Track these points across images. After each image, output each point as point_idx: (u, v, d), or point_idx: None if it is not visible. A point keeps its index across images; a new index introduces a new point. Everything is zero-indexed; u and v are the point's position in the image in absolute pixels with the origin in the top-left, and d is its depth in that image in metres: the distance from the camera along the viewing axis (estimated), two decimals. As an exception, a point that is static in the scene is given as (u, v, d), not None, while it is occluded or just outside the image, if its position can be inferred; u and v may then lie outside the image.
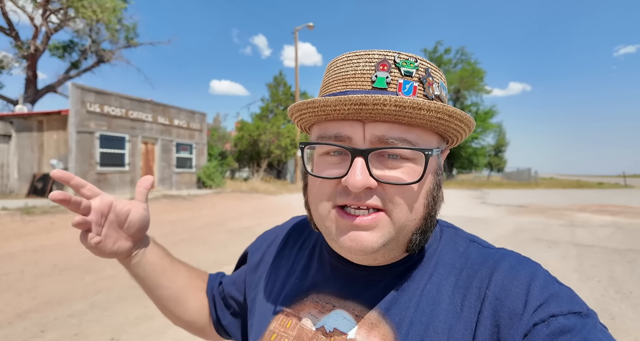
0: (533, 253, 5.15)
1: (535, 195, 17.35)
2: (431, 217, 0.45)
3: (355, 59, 0.43)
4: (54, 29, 17.73)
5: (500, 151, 46.47)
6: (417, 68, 0.42)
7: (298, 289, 0.54)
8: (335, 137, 0.43)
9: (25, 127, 11.70)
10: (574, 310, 0.37)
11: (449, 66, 32.85)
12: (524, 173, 33.03)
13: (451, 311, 0.42)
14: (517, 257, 0.45)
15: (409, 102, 0.38)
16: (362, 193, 0.41)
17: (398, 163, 0.42)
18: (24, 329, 2.70)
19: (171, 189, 14.57)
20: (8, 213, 7.25)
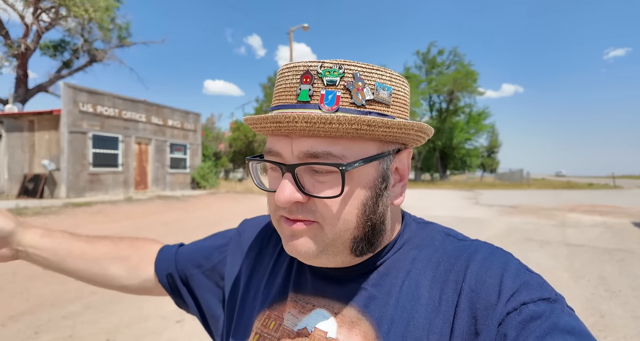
0: (525, 253, 5.24)
1: (527, 196, 17.59)
2: (370, 226, 0.44)
3: (287, 71, 0.43)
4: (45, 27, 17.49)
5: (493, 152, 46.98)
6: (343, 75, 0.41)
7: (280, 289, 0.55)
8: (269, 152, 0.44)
9: (16, 127, 11.54)
10: (544, 296, 0.39)
11: (442, 68, 33.09)
12: (516, 174, 33.43)
13: (430, 305, 0.43)
14: (490, 248, 0.46)
15: (317, 118, 0.38)
16: (294, 207, 0.42)
17: (324, 177, 0.42)
18: (18, 331, 2.68)
19: (165, 190, 14.47)
20: (-1, 214, 7.15)
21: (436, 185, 26.20)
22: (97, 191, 11.76)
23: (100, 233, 2.39)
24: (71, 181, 10.99)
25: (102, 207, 9.12)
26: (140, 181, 13.52)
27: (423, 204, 12.75)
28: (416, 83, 30.84)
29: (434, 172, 38.70)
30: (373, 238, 0.45)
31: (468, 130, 33.09)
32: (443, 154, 34.98)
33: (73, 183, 11.05)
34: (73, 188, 11.04)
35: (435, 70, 33.29)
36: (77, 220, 7.48)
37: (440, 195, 17.58)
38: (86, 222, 7.34)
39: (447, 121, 32.83)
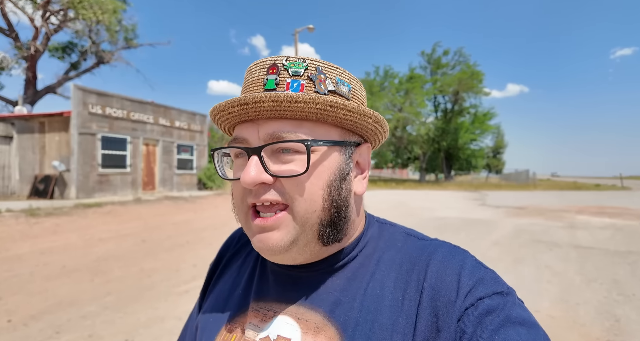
0: (535, 255, 5.23)
1: (533, 197, 17.47)
2: (335, 208, 0.45)
3: (254, 67, 0.46)
4: (53, 30, 17.70)
5: (498, 153, 46.72)
6: (306, 68, 0.44)
7: (241, 301, 0.53)
8: (235, 139, 0.45)
9: (27, 129, 11.70)
10: (497, 290, 0.41)
11: (447, 69, 32.95)
12: (522, 174, 33.19)
13: (394, 306, 0.43)
14: (448, 247, 0.47)
15: (283, 96, 0.40)
16: (261, 189, 0.43)
17: (290, 156, 0.43)
18: (39, 330, 2.73)
19: (172, 190, 14.57)
20: (13, 215, 7.27)
21: (441, 186, 26.09)
22: (105, 192, 11.89)
23: (112, 234, 2.44)
24: (81, 182, 11.12)
25: (112, 208, 9.22)
26: (148, 182, 13.63)
27: (429, 205, 12.72)
28: (421, 83, 30.74)
29: (438, 172, 38.54)
30: (339, 223, 0.46)
31: (473, 130, 32.90)
32: (448, 155, 34.83)
33: (83, 184, 11.17)
34: (83, 189, 11.16)
35: (440, 70, 33.16)
36: (89, 220, 7.58)
37: (446, 196, 17.51)
38: (97, 222, 7.43)
39: (453, 122, 32.70)
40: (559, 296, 3.53)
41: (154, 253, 5.10)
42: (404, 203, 13.59)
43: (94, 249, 5.25)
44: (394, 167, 39.24)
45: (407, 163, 37.84)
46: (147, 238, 6.08)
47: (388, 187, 24.81)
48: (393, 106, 29.52)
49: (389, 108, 29.47)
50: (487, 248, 5.68)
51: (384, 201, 14.15)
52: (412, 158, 35.59)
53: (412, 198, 15.60)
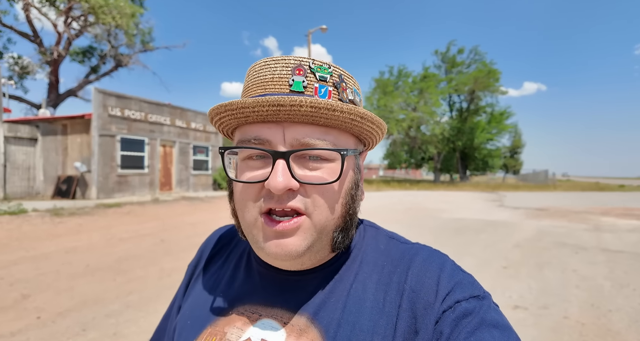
0: (560, 258, 5.05)
1: (553, 198, 16.96)
2: (350, 215, 0.47)
3: (273, 63, 0.44)
4: (75, 35, 18.28)
5: (516, 152, 45.64)
6: (331, 74, 0.43)
7: (223, 303, 0.52)
8: (255, 140, 0.43)
9: (51, 131, 12.08)
10: (474, 294, 0.42)
11: (462, 67, 32.38)
12: (541, 175, 32.31)
13: (375, 308, 0.44)
14: (428, 251, 0.48)
15: (324, 103, 0.40)
16: (285, 195, 0.42)
17: (318, 164, 0.42)
18: (67, 327, 2.79)
19: (188, 191, 14.80)
20: (39, 214, 7.51)
21: (457, 187, 25.64)
22: (124, 192, 12.16)
23: (132, 234, 2.44)
24: (101, 182, 11.41)
25: (131, 208, 9.42)
26: (165, 182, 13.88)
27: (445, 206, 12.51)
28: (435, 82, 30.32)
29: (453, 173, 37.91)
30: (349, 230, 0.47)
31: (490, 130, 32.20)
32: (463, 155, 34.22)
33: (103, 185, 11.47)
34: (103, 189, 11.46)
35: (455, 69, 32.63)
36: (109, 220, 7.76)
37: (462, 197, 17.19)
38: (117, 222, 7.60)
39: (468, 121, 32.12)
40: (588, 302, 3.38)
41: (173, 253, 5.17)
42: (419, 204, 13.41)
43: (115, 249, 5.36)
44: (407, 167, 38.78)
45: (421, 164, 37.35)
46: (165, 238, 6.17)
47: (402, 187, 24.55)
48: (407, 105, 29.20)
49: (403, 107, 29.17)
50: (508, 251, 5.52)
51: (399, 202, 13.99)
52: (426, 159, 35.10)
53: (427, 199, 15.38)
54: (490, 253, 5.41)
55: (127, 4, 17.25)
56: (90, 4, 15.77)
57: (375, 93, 30.62)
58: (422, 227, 7.92)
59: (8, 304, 3.21)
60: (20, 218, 7.21)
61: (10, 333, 2.67)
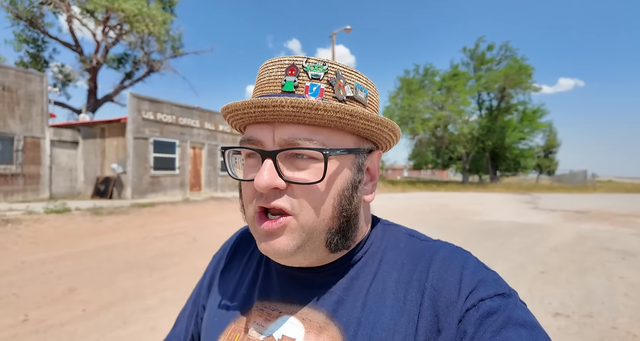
0: (604, 264, 4.75)
1: (593, 200, 15.96)
2: (345, 217, 0.45)
3: (271, 65, 0.45)
4: (111, 43, 19.31)
5: (550, 152, 43.36)
6: (326, 71, 0.42)
7: (245, 300, 0.53)
8: (249, 140, 0.44)
9: (90, 134, 12.83)
10: (499, 291, 0.41)
11: (492, 64, 31.17)
12: (578, 175, 30.51)
13: (396, 306, 0.43)
14: (450, 248, 0.47)
15: (304, 103, 0.39)
16: (272, 194, 0.42)
17: (306, 163, 0.42)
18: (109, 320, 2.95)
19: (216, 191, 15.22)
20: (80, 213, 8.01)
21: (487, 188, 24.71)
22: (157, 192, 12.69)
23: (165, 233, 2.52)
24: (135, 183, 11.97)
25: (163, 208, 9.82)
26: (194, 183, 14.36)
27: (475, 208, 12.09)
28: (464, 80, 29.39)
29: (482, 173, 36.55)
30: (348, 231, 0.46)
31: (522, 129, 30.73)
32: (494, 155, 32.89)
33: (137, 185, 12.02)
34: (137, 189, 12.01)
35: (484, 66, 31.46)
36: (144, 219, 8.12)
37: (493, 199, 16.55)
38: (151, 221, 7.94)
39: (499, 120, 30.85)
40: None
41: (205, 252, 5.33)
42: (447, 205, 13.04)
43: (150, 246, 5.60)
44: (433, 168, 37.80)
45: (448, 164, 36.29)
46: (197, 237, 6.37)
47: (428, 188, 23.99)
48: (433, 104, 28.52)
49: (429, 106, 28.52)
50: (545, 255, 5.25)
51: (426, 204, 13.68)
52: (453, 159, 34.07)
53: (456, 201, 14.93)
54: (526, 256, 5.17)
55: (159, 12, 18.02)
56: (125, 13, 16.61)
57: (400, 93, 30.13)
58: (451, 229, 7.70)
59: (57, 296, 3.43)
60: (65, 217, 7.71)
61: (60, 324, 2.85)
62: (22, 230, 6.35)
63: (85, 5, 16.92)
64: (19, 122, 10.65)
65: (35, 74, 11.27)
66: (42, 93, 11.31)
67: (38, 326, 2.80)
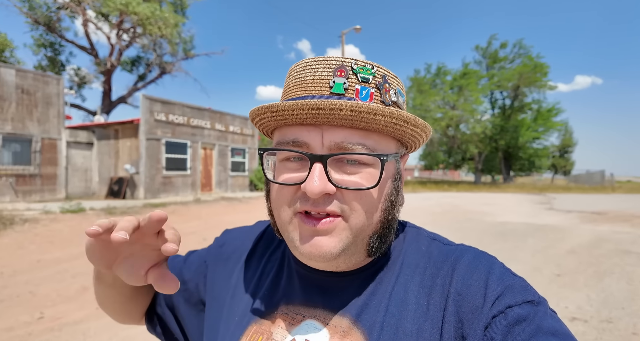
0: (624, 267, 4.59)
1: (612, 201, 15.49)
2: (389, 221, 0.45)
3: (314, 64, 0.43)
4: (125, 46, 19.71)
5: (566, 152, 42.31)
6: (374, 75, 0.42)
7: (268, 302, 0.52)
8: (293, 142, 0.42)
9: (104, 136, 13.10)
10: (527, 299, 0.39)
11: (505, 62, 30.58)
12: (596, 176, 29.71)
13: (418, 311, 0.43)
14: (475, 252, 0.46)
15: (364, 107, 0.38)
16: (321, 199, 0.41)
17: (356, 168, 0.41)
18: (121, 320, 2.99)
19: (227, 192, 15.36)
20: (95, 213, 8.17)
21: (500, 189, 24.27)
22: (169, 192, 12.87)
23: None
24: (148, 183, 12.16)
25: (175, 208, 9.94)
26: (205, 183, 14.52)
27: (488, 209, 11.87)
28: (476, 79, 28.93)
29: (495, 173, 35.90)
30: (387, 235, 0.46)
31: (536, 128, 30.04)
32: (507, 154, 32.24)
33: (149, 186, 12.22)
34: (149, 190, 12.21)
35: (497, 64, 30.89)
36: (156, 219, 8.23)
37: (506, 199, 16.23)
38: (163, 221, 8.03)
39: (512, 119, 30.24)
40: (661, 317, 3.03)
41: (215, 252, 5.37)
42: (459, 206, 12.85)
43: (162, 246, 5.67)
44: (445, 168, 37.28)
45: (460, 164, 35.74)
46: (208, 236, 6.43)
47: (440, 189, 23.69)
48: (445, 104, 28.16)
49: (441, 106, 28.17)
50: (561, 258, 5.11)
51: (437, 204, 13.51)
52: (465, 159, 33.56)
53: (468, 202, 14.70)
54: (541, 259, 5.05)
55: (171, 15, 18.30)
56: (139, 16, 16.92)
57: (410, 92, 29.85)
58: (463, 230, 7.57)
59: (72, 295, 3.50)
60: (80, 216, 7.88)
61: (74, 322, 2.90)
62: (39, 230, 6.51)
63: (100, 9, 17.31)
64: (37, 124, 10.95)
65: (53, 77, 11.56)
66: (59, 95, 11.60)
67: (53, 323, 2.86)
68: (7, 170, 10.14)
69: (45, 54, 20.43)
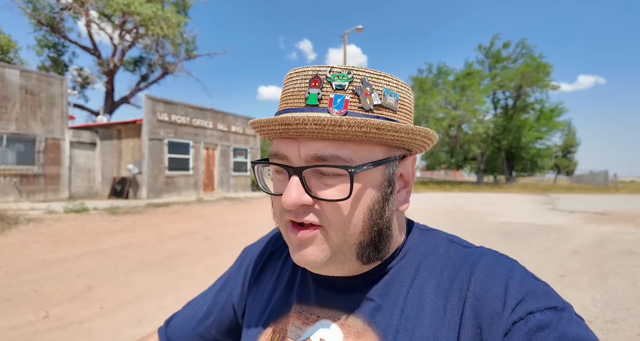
0: (627, 268, 4.57)
1: (615, 201, 15.42)
2: (377, 231, 0.44)
3: (295, 76, 0.44)
4: (128, 46, 19.78)
5: (569, 152, 42.14)
6: (352, 80, 0.41)
7: (283, 302, 0.54)
8: (276, 155, 0.44)
9: (107, 136, 13.15)
10: (550, 305, 0.38)
11: (508, 62, 30.50)
12: (599, 176, 29.58)
13: (435, 315, 0.42)
14: (494, 255, 0.45)
15: (327, 120, 0.38)
16: (300, 210, 0.42)
17: (332, 180, 0.41)
18: (125, 319, 3.00)
19: (229, 191, 15.39)
20: (98, 212, 8.21)
21: (502, 189, 24.20)
22: (171, 192, 12.91)
23: (180, 232, 2.51)
24: (150, 183, 12.21)
25: (177, 208, 9.98)
26: (208, 183, 14.55)
27: (490, 209, 11.84)
28: (479, 79, 28.86)
29: (498, 174, 35.79)
30: (380, 244, 0.45)
31: (539, 128, 29.95)
32: (509, 155, 32.16)
33: (152, 186, 12.26)
34: (152, 189, 12.25)
35: (500, 64, 30.81)
36: (159, 218, 8.27)
37: (509, 199, 16.19)
38: (166, 221, 8.07)
39: (515, 119, 30.15)
40: (666, 318, 3.02)
41: (218, 251, 5.38)
42: (461, 206, 12.83)
43: (165, 245, 5.69)
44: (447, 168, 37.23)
45: (462, 165, 35.68)
46: (210, 236, 6.44)
47: (442, 189, 23.65)
48: (447, 104, 28.11)
49: (443, 106, 28.12)
50: (565, 258, 5.09)
51: (440, 205, 13.49)
52: (467, 159, 33.48)
53: (470, 202, 14.67)
54: (544, 259, 5.03)
55: (173, 15, 18.35)
56: (141, 16, 16.98)
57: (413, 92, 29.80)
58: (465, 230, 7.55)
59: (76, 294, 3.52)
60: (83, 216, 7.92)
61: (79, 321, 2.92)
62: (43, 229, 6.55)
63: (103, 10, 17.38)
64: (41, 124, 11.01)
65: (56, 78, 11.63)
66: (62, 96, 11.66)
67: (58, 322, 2.88)
68: (11, 170, 10.20)
69: (49, 55, 20.54)
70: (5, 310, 3.09)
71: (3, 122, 10.13)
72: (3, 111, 10.14)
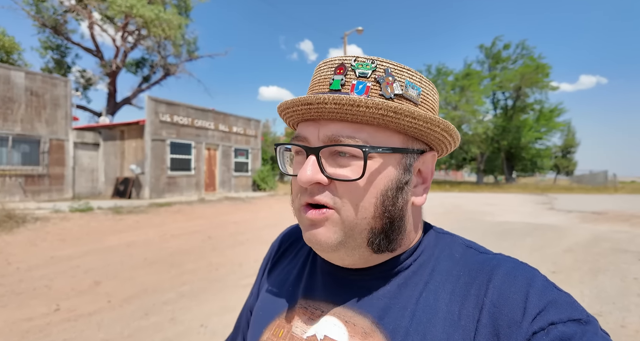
0: (619, 265, 4.69)
1: (614, 201, 15.50)
2: (389, 218, 0.44)
3: (323, 65, 0.46)
4: (130, 47, 19.94)
5: (569, 152, 42.19)
6: (375, 69, 0.42)
7: (290, 296, 0.53)
8: (297, 137, 0.46)
9: (110, 136, 13.31)
10: (574, 317, 0.36)
11: (508, 63, 30.60)
12: (599, 176, 29.61)
13: (449, 320, 0.41)
14: (514, 262, 0.43)
15: (346, 99, 0.39)
16: (315, 189, 0.43)
17: (347, 161, 0.42)
18: (132, 312, 3.14)
19: (230, 192, 15.52)
20: (102, 212, 8.37)
21: (502, 189, 24.28)
22: (173, 192, 13.06)
23: (182, 231, 2.66)
24: (153, 183, 12.36)
25: (180, 207, 10.12)
26: (209, 183, 14.70)
27: (489, 209, 11.96)
28: (478, 80, 28.95)
29: (498, 174, 35.85)
30: (391, 233, 0.45)
31: (538, 128, 30.05)
32: (509, 155, 32.24)
33: (154, 186, 12.41)
34: (155, 189, 12.40)
35: (500, 65, 30.91)
36: (162, 218, 8.42)
37: (508, 199, 16.29)
38: (169, 220, 8.22)
39: (514, 119, 30.24)
40: (650, 311, 3.15)
41: (220, 249, 5.52)
42: (461, 206, 12.94)
43: (168, 244, 5.84)
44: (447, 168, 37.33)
45: (462, 165, 35.78)
46: (212, 235, 6.59)
47: (442, 189, 23.76)
48: (447, 104, 28.21)
49: (442, 106, 28.20)
50: (558, 256, 5.22)
51: (440, 205, 13.60)
52: (467, 159, 33.58)
53: (470, 202, 14.78)
54: (538, 257, 5.15)
55: (175, 17, 18.52)
56: (143, 18, 17.15)
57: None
58: (464, 229, 7.68)
59: (84, 289, 3.67)
60: (88, 215, 8.08)
61: (89, 314, 3.06)
62: (50, 228, 6.71)
63: (106, 12, 17.56)
64: (45, 125, 11.17)
65: (60, 79, 11.79)
66: (66, 97, 11.82)
67: (69, 315, 3.02)
68: (16, 171, 10.36)
69: (52, 56, 20.74)
70: (18, 303, 3.25)
71: (9, 123, 10.30)
72: (9, 112, 10.31)
